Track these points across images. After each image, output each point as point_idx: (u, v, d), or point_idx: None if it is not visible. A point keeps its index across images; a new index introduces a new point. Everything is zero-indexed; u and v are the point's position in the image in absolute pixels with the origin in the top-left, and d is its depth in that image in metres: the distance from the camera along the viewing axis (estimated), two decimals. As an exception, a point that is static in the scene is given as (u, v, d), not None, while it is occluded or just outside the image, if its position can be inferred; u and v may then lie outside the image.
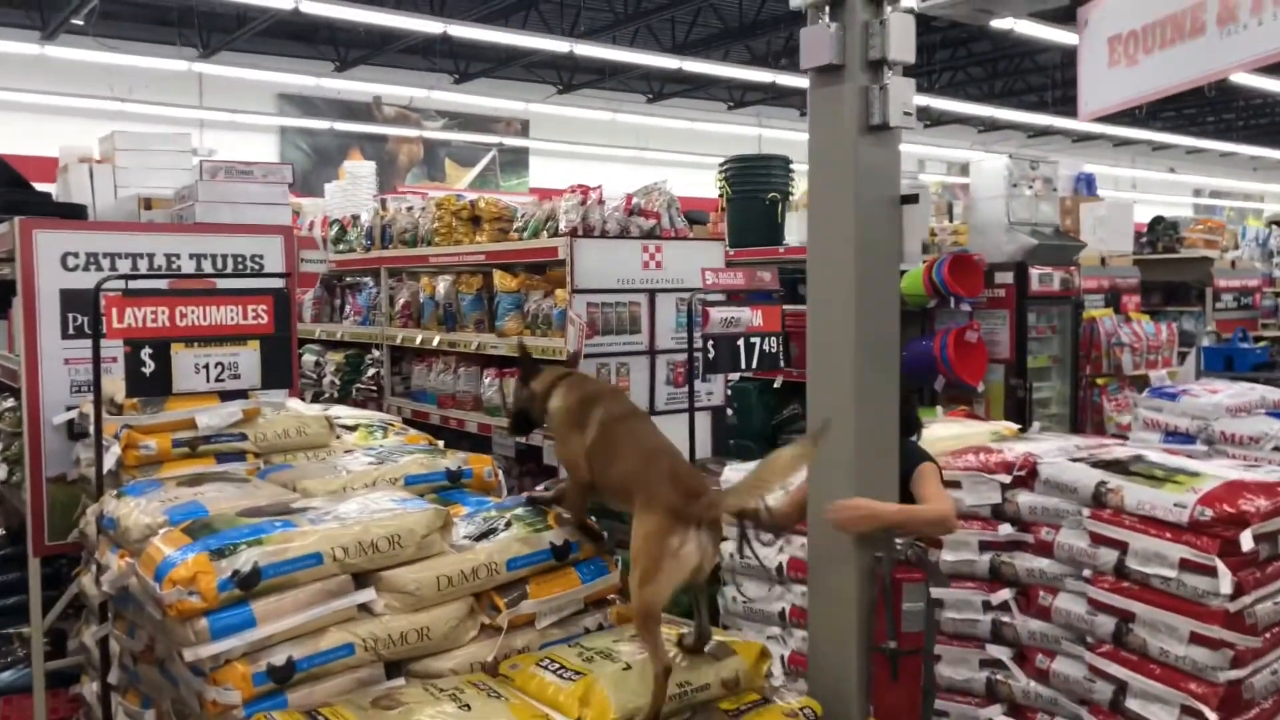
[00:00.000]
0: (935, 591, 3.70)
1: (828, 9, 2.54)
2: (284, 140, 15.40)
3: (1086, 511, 3.30)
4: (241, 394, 3.47)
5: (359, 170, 10.10)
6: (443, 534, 2.69)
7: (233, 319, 3.35)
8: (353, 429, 3.88)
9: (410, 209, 7.29)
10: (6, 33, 14.20)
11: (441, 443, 3.99)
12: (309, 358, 8.45)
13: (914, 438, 3.39)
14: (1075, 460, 3.46)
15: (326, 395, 8.05)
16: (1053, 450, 3.67)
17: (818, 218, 2.66)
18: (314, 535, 2.48)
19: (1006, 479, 3.53)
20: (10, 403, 4.30)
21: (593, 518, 2.96)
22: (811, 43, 2.56)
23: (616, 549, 3.04)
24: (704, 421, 6.08)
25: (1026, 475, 3.53)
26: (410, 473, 3.30)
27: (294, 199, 10.76)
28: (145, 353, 3.22)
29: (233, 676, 2.33)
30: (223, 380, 3.35)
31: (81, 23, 13.31)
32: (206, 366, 3.32)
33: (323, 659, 2.44)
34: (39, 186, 5.75)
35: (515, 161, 18.19)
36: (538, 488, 3.15)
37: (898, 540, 2.59)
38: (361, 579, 2.56)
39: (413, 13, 13.60)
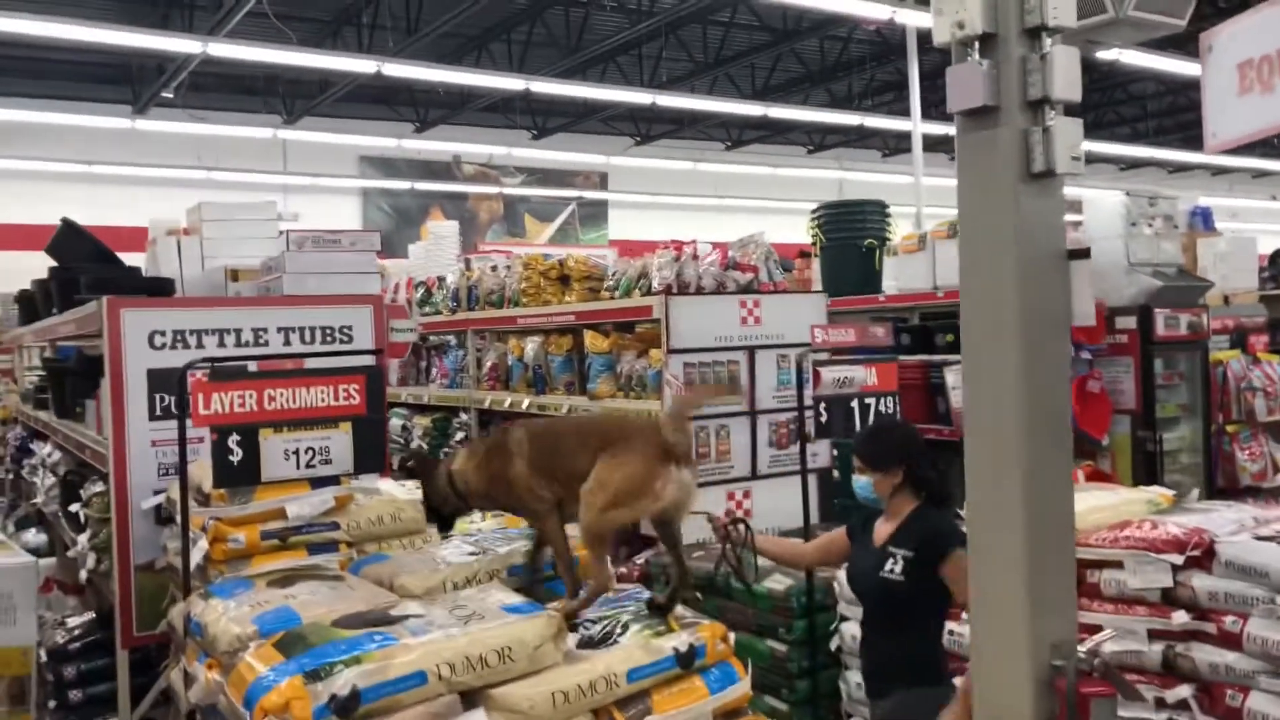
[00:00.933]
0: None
1: (977, 45, 2.26)
2: (366, 202, 15.57)
3: (1282, 599, 2.88)
4: (333, 480, 3.26)
5: (442, 230, 10.05)
6: (556, 643, 2.40)
7: (323, 400, 3.15)
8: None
9: (495, 268, 7.14)
10: (100, 108, 14.67)
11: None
12: (396, 421, 8.33)
13: (949, 511, 3.34)
14: (1262, 538, 3.05)
15: (413, 461, 7.90)
16: (1228, 524, 3.26)
17: (972, 277, 2.35)
18: (417, 651, 2.22)
19: (1178, 559, 3.12)
20: (99, 488, 4.17)
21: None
22: (960, 83, 2.27)
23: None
24: (810, 484, 5.74)
25: (1202, 555, 3.12)
26: (512, 563, 3.04)
27: (380, 261, 10.80)
28: (233, 440, 3.04)
29: (330, 817, 2.07)
30: (314, 466, 3.15)
31: (171, 95, 13.67)
32: (296, 452, 3.12)
33: (429, 792, 2.16)
34: (128, 257, 5.72)
35: (594, 214, 18.15)
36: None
37: (1081, 649, 2.23)
38: (469, 697, 2.29)
39: (492, 71, 13.67)
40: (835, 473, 6.18)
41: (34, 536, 6.83)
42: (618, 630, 2.58)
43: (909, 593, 3.23)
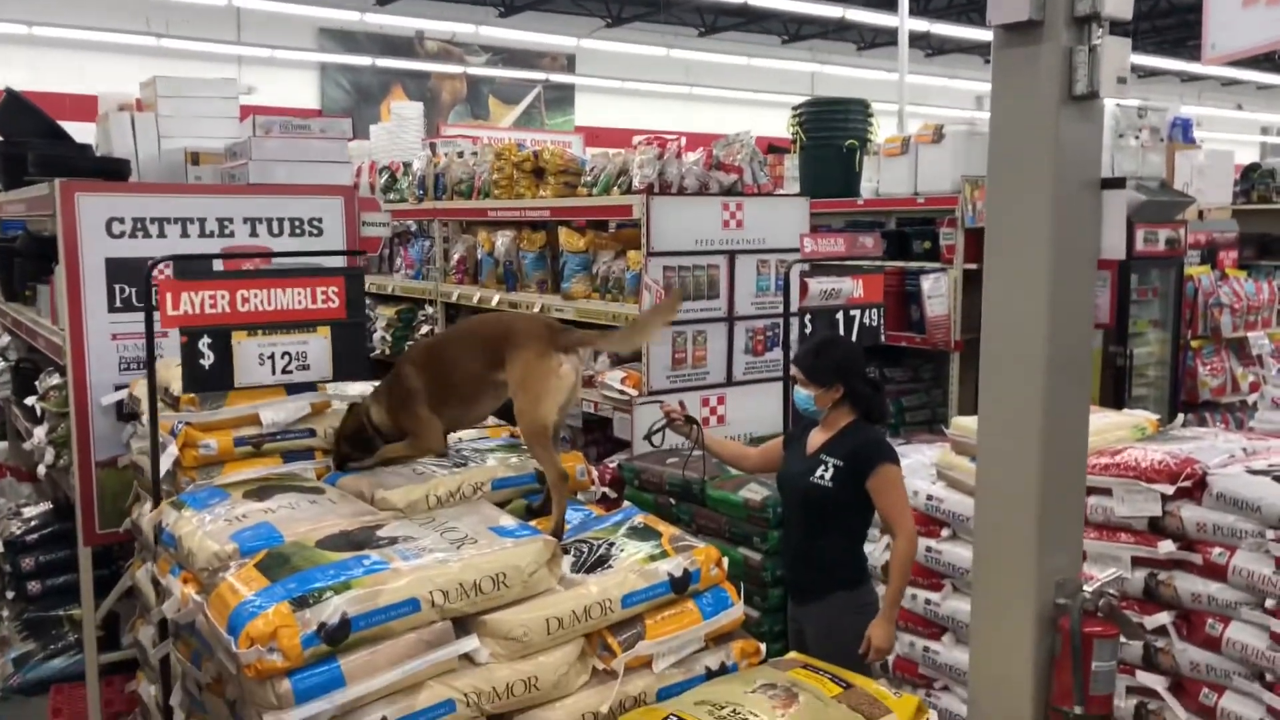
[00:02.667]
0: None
1: (1024, -49, 2.09)
2: (324, 78, 14.92)
3: (1271, 534, 2.89)
4: (310, 386, 3.12)
5: (406, 111, 9.64)
6: (551, 568, 2.33)
7: (300, 303, 2.99)
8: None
9: (462, 155, 6.87)
10: (42, -34, 13.78)
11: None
12: (359, 311, 8.12)
13: (882, 428, 3.50)
14: (1255, 471, 3.04)
15: (378, 352, 7.74)
16: (1218, 454, 3.24)
17: (1001, 204, 2.23)
18: (408, 577, 2.13)
19: (1169, 489, 3.12)
20: (56, 380, 3.98)
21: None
22: (1004, -8, 2.11)
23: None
24: (775, 393, 5.70)
25: (1192, 486, 3.11)
26: (498, 476, 2.96)
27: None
28: (204, 343, 2.88)
29: (320, 745, 2.00)
30: (290, 372, 3.01)
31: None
32: (272, 357, 2.97)
33: (422, 718, 2.10)
34: (75, 128, 5.39)
35: (561, 99, 17.59)
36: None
37: (1086, 589, 2.20)
38: (461, 624, 2.22)
39: (458, -57, 12.99)
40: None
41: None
42: (612, 554, 2.51)
43: (835, 499, 3.33)
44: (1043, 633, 2.24)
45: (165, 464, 2.92)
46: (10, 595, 4.68)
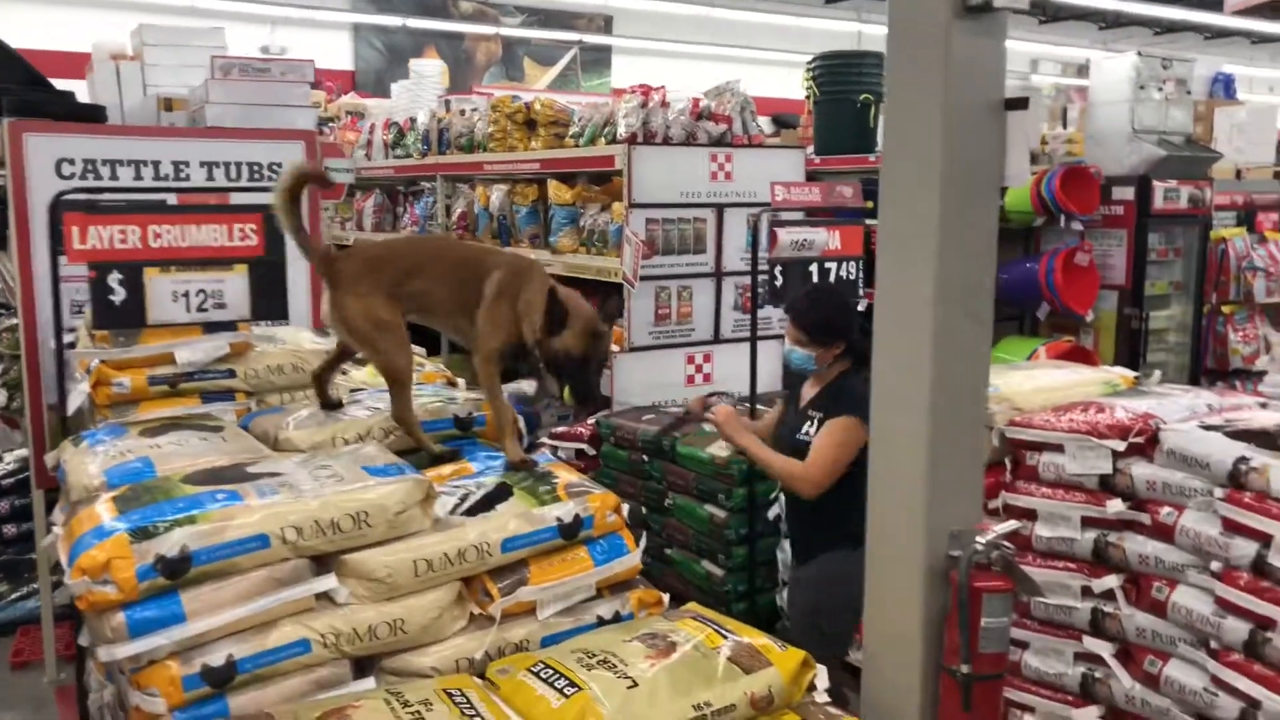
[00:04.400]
0: (1028, 570, 3.17)
1: None
2: (357, 39, 14.89)
3: (1220, 493, 2.70)
4: (230, 326, 3.07)
5: (425, 69, 9.59)
6: (424, 509, 2.25)
7: (216, 240, 2.93)
8: (362, 364, 3.45)
9: (464, 112, 6.78)
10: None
11: (463, 381, 3.55)
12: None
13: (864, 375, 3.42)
14: (1208, 427, 2.85)
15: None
16: (1179, 411, 3.06)
17: (895, 125, 2.08)
18: (260, 513, 2.07)
19: (1120, 445, 2.94)
20: (9, 322, 4.00)
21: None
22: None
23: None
24: (773, 351, 5.53)
25: (1145, 442, 2.92)
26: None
27: (360, 100, 10.37)
28: (114, 279, 2.84)
29: (159, 679, 1.95)
30: (206, 310, 2.96)
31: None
32: (186, 294, 2.93)
33: (272, 658, 2.04)
34: (70, 86, 5.40)
35: (598, 60, 17.37)
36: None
37: (979, 539, 2.06)
38: (324, 563, 2.15)
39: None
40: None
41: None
42: (500, 498, 2.42)
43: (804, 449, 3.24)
44: (933, 587, 2.11)
45: (76, 402, 2.89)
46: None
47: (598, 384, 2.76)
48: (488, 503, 2.40)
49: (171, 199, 3.78)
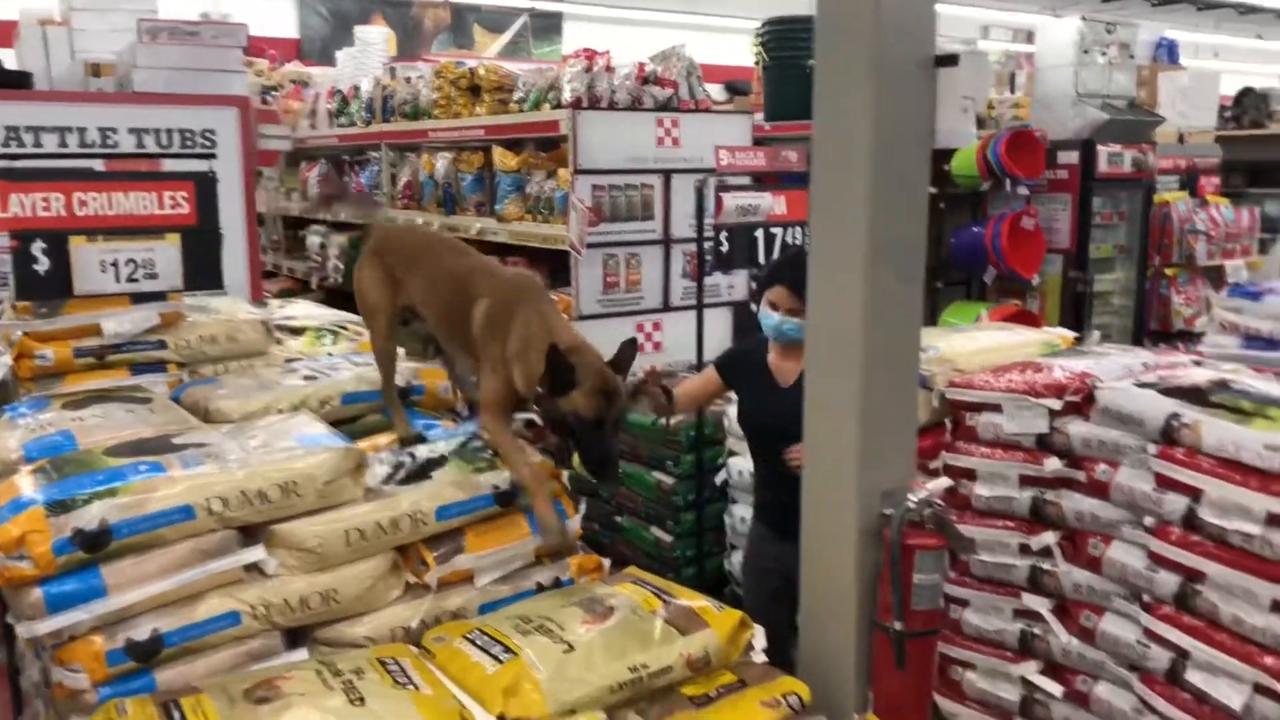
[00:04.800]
0: (967, 529, 3.20)
1: None
2: (302, 6, 14.56)
3: (1153, 449, 2.73)
4: (161, 296, 2.99)
5: (370, 36, 9.40)
6: (354, 478, 2.22)
7: (145, 208, 2.85)
8: (300, 333, 3.40)
9: (409, 79, 6.67)
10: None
11: (403, 350, 3.50)
12: (314, 239, 7.99)
13: None
14: (1143, 385, 2.88)
15: (331, 280, 7.63)
16: (1116, 370, 3.08)
17: (825, 83, 2.05)
18: (184, 484, 2.02)
19: (1057, 404, 2.96)
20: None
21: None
22: None
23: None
24: (723, 318, 5.54)
25: (1082, 401, 2.95)
26: (348, 390, 2.83)
27: (304, 68, 10.15)
28: (37, 247, 2.75)
29: (81, 655, 1.91)
30: (136, 280, 2.89)
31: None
32: (115, 264, 2.85)
33: (200, 631, 2.01)
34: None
35: (548, 27, 17.13)
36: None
37: (911, 497, 2.07)
38: (253, 533, 2.11)
39: None
40: (753, 306, 5.98)
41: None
42: (435, 467, 2.39)
43: None
44: (867, 546, 2.12)
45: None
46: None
47: (615, 448, 2.39)
48: (423, 471, 2.37)
49: (100, 167, 3.68)
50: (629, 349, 2.42)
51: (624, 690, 2.01)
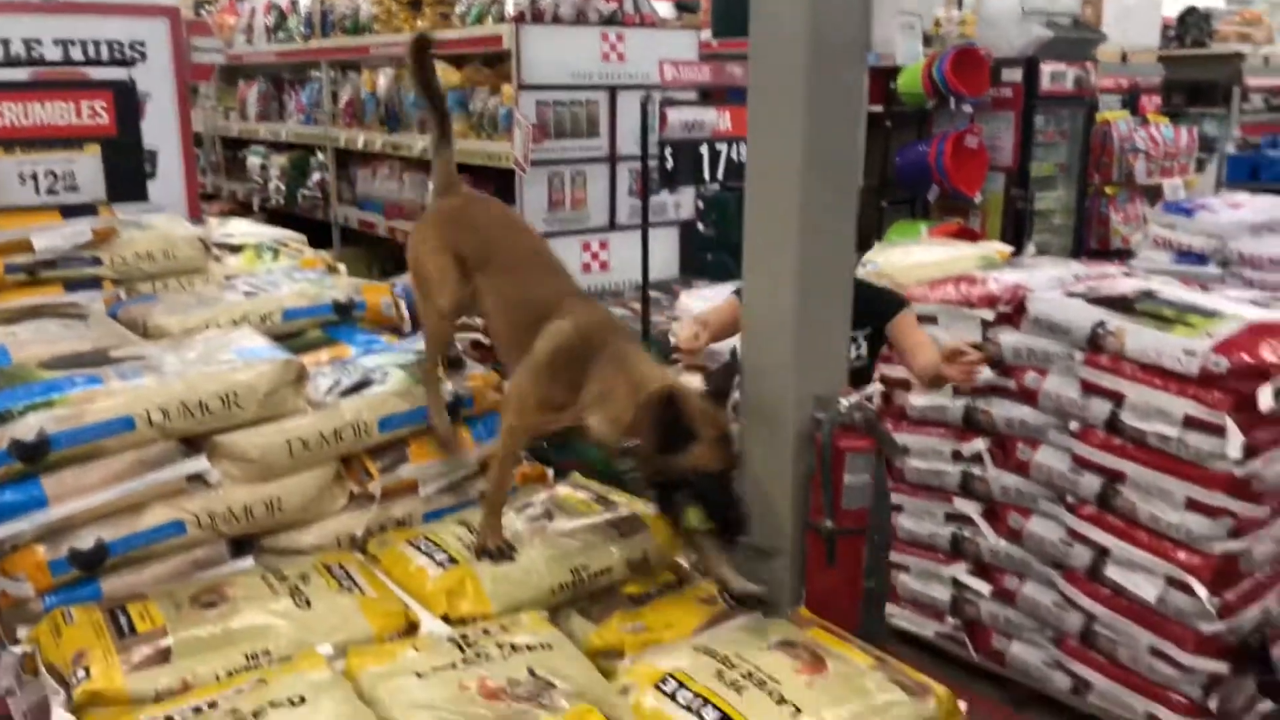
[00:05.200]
0: (902, 437, 3.30)
1: None
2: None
3: (1080, 356, 2.83)
4: (91, 210, 2.93)
5: (307, -53, 9.06)
6: (295, 390, 2.22)
7: (64, 119, 2.78)
8: (239, 250, 3.35)
9: (349, -9, 6.47)
10: None
11: (344, 266, 3.48)
12: (254, 160, 7.81)
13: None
14: (1072, 295, 2.96)
15: (273, 202, 7.48)
16: (1047, 281, 3.17)
17: (760, -5, 2.06)
18: (123, 396, 2.02)
19: (989, 315, 3.05)
20: None
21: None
22: None
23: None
24: (670, 237, 5.55)
25: (1013, 311, 3.04)
26: (289, 305, 2.81)
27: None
28: (-45, 160, 2.68)
29: (25, 564, 1.92)
30: (56, 193, 2.83)
31: None
32: (35, 176, 2.78)
33: (144, 540, 2.02)
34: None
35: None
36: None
37: (842, 399, 2.13)
38: (197, 445, 2.12)
39: None
40: (699, 225, 5.98)
41: None
42: (378, 379, 2.40)
43: (870, 376, 2.80)
44: (801, 449, 2.18)
45: (-75, 292, 2.75)
46: None
47: (742, 497, 2.05)
48: (366, 383, 2.39)
49: (25, 78, 3.56)
50: (728, 374, 2.14)
51: (565, 591, 2.07)
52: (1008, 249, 3.78)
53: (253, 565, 2.14)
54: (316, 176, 6.97)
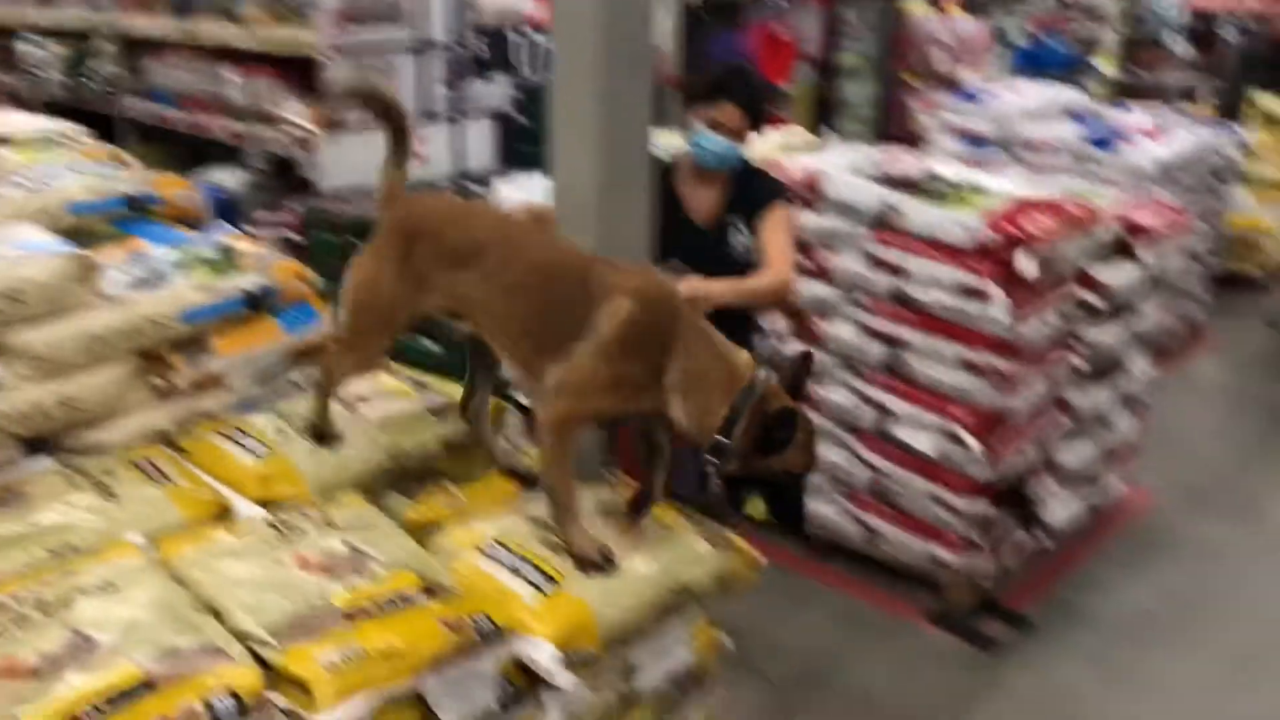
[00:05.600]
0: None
1: None
2: None
3: (865, 231, 3.03)
4: None
5: None
6: (83, 284, 2.14)
7: None
8: (11, 142, 3.12)
9: None
10: None
11: (139, 162, 3.30)
12: (28, 49, 7.14)
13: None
14: (862, 177, 3.15)
15: (49, 95, 6.90)
16: (843, 165, 3.34)
17: None
18: (-111, 294, 1.90)
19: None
20: None
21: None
22: None
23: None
24: (485, 130, 5.47)
25: (813, 195, 3.20)
26: (75, 199, 2.66)
27: None
28: None
29: None
30: None
31: None
32: None
33: (-75, 445, 1.94)
34: None
35: None
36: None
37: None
38: (-14, 347, 2.02)
39: None
40: (521, 118, 5.92)
41: None
42: (177, 271, 2.33)
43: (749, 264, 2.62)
44: (608, 326, 2.28)
45: None
46: None
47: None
48: (164, 276, 2.32)
49: None
50: (805, 366, 1.97)
51: (384, 473, 2.12)
52: (809, 135, 3.94)
53: (51, 464, 2.08)
54: (101, 66, 6.47)
